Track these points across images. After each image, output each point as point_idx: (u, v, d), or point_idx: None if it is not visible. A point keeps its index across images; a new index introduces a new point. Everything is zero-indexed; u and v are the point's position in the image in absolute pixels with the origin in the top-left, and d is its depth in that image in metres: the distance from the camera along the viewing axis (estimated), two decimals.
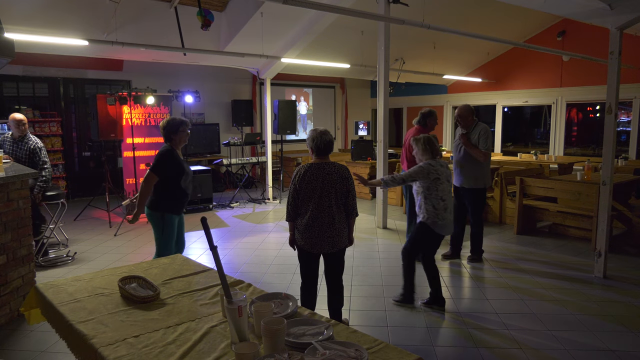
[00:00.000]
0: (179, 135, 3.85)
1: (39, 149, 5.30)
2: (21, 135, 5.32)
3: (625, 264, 5.16)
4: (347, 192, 3.24)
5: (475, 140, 4.95)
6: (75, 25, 6.47)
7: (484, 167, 5.00)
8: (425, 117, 5.28)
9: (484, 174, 5.02)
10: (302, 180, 3.18)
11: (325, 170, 3.17)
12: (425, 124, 5.29)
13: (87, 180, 9.43)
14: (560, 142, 11.16)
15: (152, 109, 7.74)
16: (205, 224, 1.89)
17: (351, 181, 3.27)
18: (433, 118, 5.30)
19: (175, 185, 3.83)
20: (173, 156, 3.82)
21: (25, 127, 5.36)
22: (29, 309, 2.44)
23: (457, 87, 13.28)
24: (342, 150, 13.63)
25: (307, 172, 3.18)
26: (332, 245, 3.24)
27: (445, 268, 5.07)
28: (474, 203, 5.10)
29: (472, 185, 5.03)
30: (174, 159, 3.82)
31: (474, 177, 5.00)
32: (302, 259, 3.36)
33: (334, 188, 3.18)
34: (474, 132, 5.00)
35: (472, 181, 5.02)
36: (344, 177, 3.22)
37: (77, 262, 5.29)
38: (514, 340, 3.40)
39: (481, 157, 4.91)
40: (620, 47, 4.53)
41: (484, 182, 5.03)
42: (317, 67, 10.24)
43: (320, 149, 3.22)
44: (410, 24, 5.32)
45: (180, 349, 1.75)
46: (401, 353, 1.68)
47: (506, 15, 9.71)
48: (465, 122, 5.05)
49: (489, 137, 4.94)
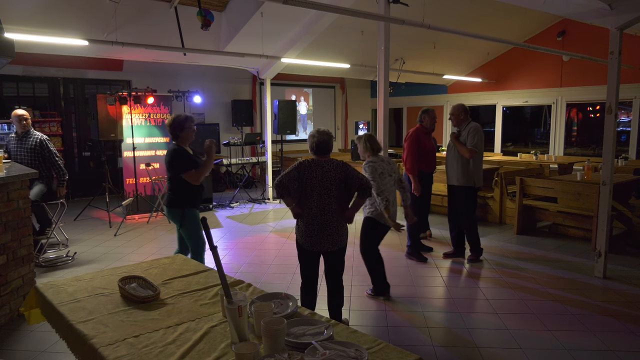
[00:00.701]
0: (185, 132, 3.86)
1: (46, 142, 5.39)
2: (24, 132, 5.36)
3: (625, 264, 5.16)
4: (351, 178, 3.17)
5: (464, 138, 4.97)
6: (75, 25, 6.47)
7: (472, 165, 4.98)
8: (421, 114, 5.41)
9: (473, 173, 5.00)
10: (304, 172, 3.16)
11: (324, 168, 3.18)
12: (421, 120, 5.41)
13: (87, 180, 9.43)
14: (560, 142, 11.16)
15: (152, 109, 7.74)
16: (205, 224, 1.90)
17: (351, 169, 3.22)
18: (429, 116, 5.41)
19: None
20: (182, 152, 3.84)
21: (28, 122, 5.40)
22: (29, 309, 2.44)
23: (457, 87, 13.28)
24: (342, 150, 13.63)
25: (309, 167, 3.18)
26: (333, 243, 3.23)
27: (445, 268, 5.07)
28: (464, 202, 5.08)
29: (461, 183, 5.03)
30: (186, 155, 3.84)
31: (462, 175, 5.01)
32: (302, 258, 3.36)
33: (334, 185, 3.17)
34: (465, 130, 5.01)
35: (461, 179, 5.02)
36: (343, 170, 3.19)
37: (77, 262, 5.29)
38: (514, 340, 3.40)
39: (466, 154, 4.92)
40: (620, 47, 4.53)
41: (473, 181, 5.01)
42: (317, 67, 10.24)
43: (321, 149, 3.23)
44: (410, 24, 5.32)
45: (180, 349, 1.75)
46: (401, 353, 1.68)
47: (506, 15, 9.71)
48: (457, 120, 5.09)
49: (478, 135, 4.92)
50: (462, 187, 5.05)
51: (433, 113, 5.49)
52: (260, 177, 11.58)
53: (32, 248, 4.04)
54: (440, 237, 6.36)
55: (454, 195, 5.20)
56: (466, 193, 5.06)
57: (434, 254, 5.54)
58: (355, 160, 9.62)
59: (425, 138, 5.50)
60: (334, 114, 14.09)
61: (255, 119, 12.06)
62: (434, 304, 4.12)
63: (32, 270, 4.06)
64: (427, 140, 5.52)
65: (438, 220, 7.10)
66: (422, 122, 5.47)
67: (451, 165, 5.12)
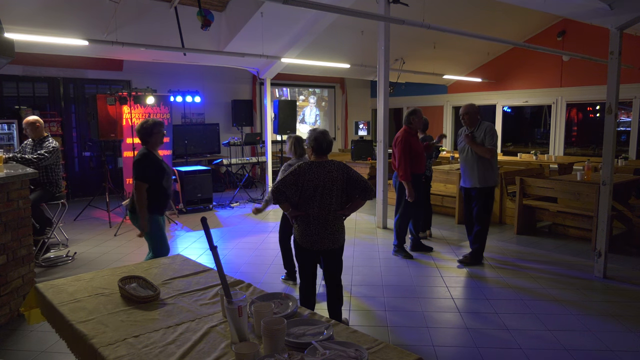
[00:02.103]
0: (154, 137, 3.81)
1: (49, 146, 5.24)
2: (40, 138, 5.28)
3: (625, 264, 5.16)
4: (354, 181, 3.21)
5: (481, 139, 4.91)
6: (75, 25, 6.47)
7: (492, 165, 4.97)
8: (408, 116, 5.26)
9: (493, 173, 4.98)
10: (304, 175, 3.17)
11: (326, 169, 3.19)
12: (409, 122, 5.26)
13: (87, 180, 9.44)
14: (560, 142, 11.16)
15: (152, 109, 7.74)
16: (205, 224, 1.90)
17: (353, 171, 3.27)
18: (417, 116, 5.26)
19: (156, 186, 3.78)
20: (150, 158, 3.77)
21: (40, 128, 5.30)
22: (29, 309, 2.44)
23: (457, 87, 13.28)
24: (342, 150, 13.63)
25: (310, 170, 3.18)
26: (333, 242, 3.25)
27: (446, 268, 5.07)
28: (485, 201, 5.01)
29: (483, 185, 4.96)
30: (153, 161, 3.77)
31: (484, 176, 4.94)
32: (301, 257, 3.36)
33: (336, 185, 3.19)
34: (478, 130, 4.96)
35: (483, 180, 4.95)
36: (345, 171, 3.23)
37: (77, 262, 5.29)
38: (514, 340, 3.40)
39: (487, 154, 4.87)
40: (620, 47, 4.53)
41: (493, 181, 5.00)
42: (317, 67, 10.24)
43: (323, 149, 3.24)
44: (410, 24, 5.33)
45: (180, 349, 1.75)
46: (401, 353, 1.68)
47: (506, 15, 9.72)
48: (471, 120, 4.99)
49: (495, 134, 4.91)
50: (484, 188, 4.97)
51: (421, 113, 5.35)
52: (260, 177, 11.58)
53: (32, 248, 4.04)
54: (440, 236, 6.36)
55: (470, 197, 5.11)
56: (488, 193, 5.01)
57: (434, 254, 5.54)
58: (355, 161, 9.63)
59: (414, 140, 5.29)
60: (334, 114, 14.09)
61: (255, 119, 12.06)
62: (434, 303, 4.12)
63: (32, 270, 4.06)
64: (416, 142, 5.31)
65: (439, 221, 7.09)
66: (410, 123, 5.25)
67: (471, 168, 4.99)
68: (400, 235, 5.43)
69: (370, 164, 9.20)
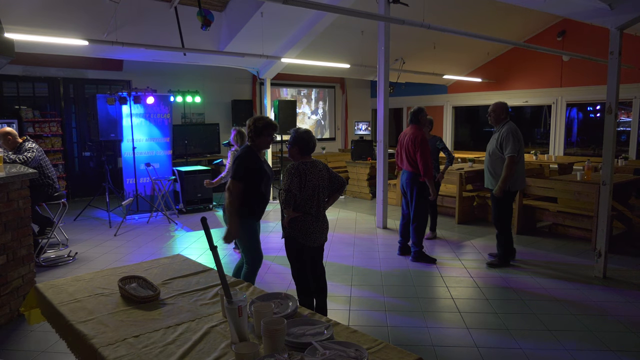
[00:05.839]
0: (262, 138, 3.50)
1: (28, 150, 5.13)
2: (14, 148, 5.17)
3: (625, 264, 5.16)
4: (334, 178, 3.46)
5: (499, 143, 4.83)
6: (75, 25, 6.47)
7: (519, 169, 4.88)
8: (417, 114, 5.26)
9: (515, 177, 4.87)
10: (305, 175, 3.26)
11: (317, 167, 3.34)
12: (417, 121, 5.27)
13: (87, 180, 9.43)
14: (560, 142, 11.16)
15: (152, 108, 7.74)
16: (205, 224, 1.89)
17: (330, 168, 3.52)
18: (423, 114, 5.29)
19: (253, 189, 3.47)
20: (251, 158, 3.47)
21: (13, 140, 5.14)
22: (29, 309, 2.44)
23: (457, 87, 13.28)
24: (342, 150, 13.62)
25: (309, 170, 3.29)
26: (325, 236, 3.47)
27: (446, 268, 5.07)
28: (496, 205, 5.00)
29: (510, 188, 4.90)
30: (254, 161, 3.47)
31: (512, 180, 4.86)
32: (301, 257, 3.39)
33: (325, 182, 3.38)
34: (498, 131, 4.90)
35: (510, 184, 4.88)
36: (327, 169, 3.47)
37: (77, 262, 5.29)
38: (514, 341, 3.40)
39: (511, 169, 4.75)
40: (620, 47, 4.52)
41: (515, 186, 4.92)
42: (317, 67, 10.24)
43: (310, 148, 3.35)
44: (410, 24, 5.32)
45: (180, 349, 1.75)
46: (401, 353, 1.68)
47: (506, 15, 9.72)
48: (498, 118, 4.93)
49: (512, 139, 4.75)
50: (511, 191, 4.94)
51: (424, 110, 5.35)
52: None
53: (32, 248, 4.04)
54: (440, 236, 6.36)
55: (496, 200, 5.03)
56: (499, 197, 4.94)
57: (434, 255, 5.52)
58: (355, 161, 9.62)
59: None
60: (334, 114, 14.09)
61: None
62: (434, 304, 4.12)
63: (32, 270, 4.06)
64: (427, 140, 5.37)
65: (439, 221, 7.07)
66: (419, 122, 5.25)
67: (493, 174, 4.95)
68: (420, 237, 5.28)
69: (370, 164, 9.20)
